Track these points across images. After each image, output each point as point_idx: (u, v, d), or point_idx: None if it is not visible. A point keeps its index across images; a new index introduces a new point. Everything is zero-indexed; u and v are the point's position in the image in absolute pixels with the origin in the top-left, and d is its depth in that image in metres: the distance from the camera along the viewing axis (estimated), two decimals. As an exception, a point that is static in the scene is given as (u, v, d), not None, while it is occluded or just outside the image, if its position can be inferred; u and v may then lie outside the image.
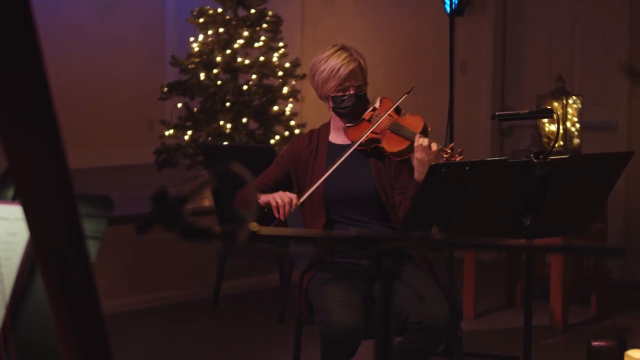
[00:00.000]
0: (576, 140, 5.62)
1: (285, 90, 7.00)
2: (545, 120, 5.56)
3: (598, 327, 5.08)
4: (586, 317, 5.32)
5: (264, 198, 3.39)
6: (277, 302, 5.25)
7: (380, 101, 3.57)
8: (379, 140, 3.44)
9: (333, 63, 3.46)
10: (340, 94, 3.47)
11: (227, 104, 6.91)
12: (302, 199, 3.36)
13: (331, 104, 3.52)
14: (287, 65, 7.00)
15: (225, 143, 6.69)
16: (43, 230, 1.23)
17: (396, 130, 3.42)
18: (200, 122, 6.95)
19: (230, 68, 6.98)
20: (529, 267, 3.20)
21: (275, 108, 7.01)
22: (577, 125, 5.61)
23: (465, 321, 4.90)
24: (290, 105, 7.12)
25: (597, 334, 4.06)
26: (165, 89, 7.08)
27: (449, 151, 3.26)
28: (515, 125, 6.90)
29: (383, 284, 1.34)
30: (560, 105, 5.57)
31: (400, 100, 3.52)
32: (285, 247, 4.53)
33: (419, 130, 3.39)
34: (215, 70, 6.96)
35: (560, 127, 5.40)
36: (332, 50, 3.50)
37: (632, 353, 3.50)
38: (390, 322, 1.35)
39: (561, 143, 5.54)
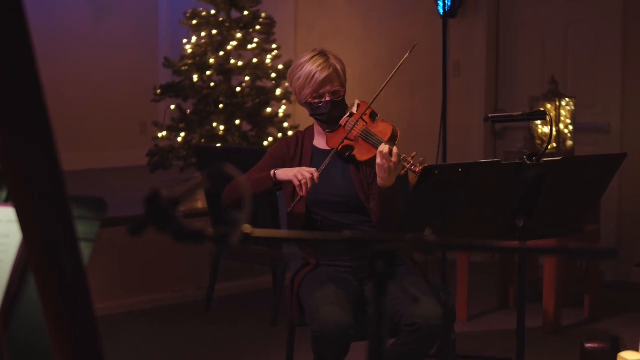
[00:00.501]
0: (569, 142, 5.63)
1: (278, 92, 7.00)
2: (539, 122, 5.57)
3: (591, 329, 5.08)
4: (579, 319, 5.32)
5: (281, 175, 3.38)
6: (270, 305, 5.25)
7: (358, 105, 3.54)
8: (352, 148, 3.43)
9: (308, 70, 3.44)
10: (316, 101, 3.46)
11: (220, 105, 6.91)
12: (319, 171, 3.33)
13: (309, 110, 3.52)
14: (281, 67, 7.00)
15: (219, 145, 6.68)
16: (36, 232, 1.23)
17: (366, 138, 3.41)
18: (194, 124, 6.95)
19: (224, 70, 6.98)
20: (522, 269, 3.20)
21: (269, 110, 7.01)
22: (570, 127, 5.62)
23: (458, 323, 4.90)
24: (283, 107, 7.12)
25: (590, 335, 4.06)
26: (158, 91, 7.08)
27: (411, 160, 3.22)
28: (508, 127, 6.91)
29: (376, 285, 1.34)
30: (553, 107, 5.57)
31: (379, 93, 3.45)
32: (278, 249, 4.53)
33: (386, 138, 3.36)
34: (208, 72, 6.96)
35: (553, 129, 5.41)
36: (308, 57, 3.48)
37: (625, 355, 3.50)
38: (384, 323, 1.35)
39: (554, 145, 5.54)
